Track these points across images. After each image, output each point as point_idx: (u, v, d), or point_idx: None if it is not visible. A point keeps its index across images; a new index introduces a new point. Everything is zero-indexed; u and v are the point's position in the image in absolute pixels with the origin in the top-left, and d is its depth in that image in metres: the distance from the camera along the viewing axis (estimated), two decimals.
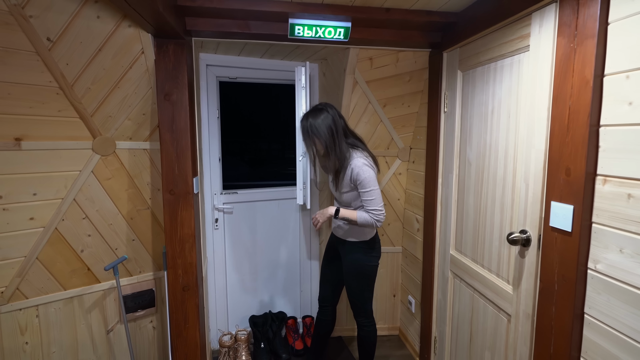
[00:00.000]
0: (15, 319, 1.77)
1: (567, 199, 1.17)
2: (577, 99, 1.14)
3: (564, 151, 1.18)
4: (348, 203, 1.88)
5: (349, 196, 1.85)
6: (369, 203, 1.75)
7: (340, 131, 1.82)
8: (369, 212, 1.76)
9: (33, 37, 1.46)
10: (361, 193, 1.77)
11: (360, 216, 1.78)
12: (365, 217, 1.77)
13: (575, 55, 1.14)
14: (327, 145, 1.80)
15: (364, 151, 1.85)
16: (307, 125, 1.81)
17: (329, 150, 1.80)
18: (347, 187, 1.82)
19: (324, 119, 1.79)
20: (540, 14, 1.31)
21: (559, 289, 1.21)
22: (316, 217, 1.93)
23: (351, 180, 1.79)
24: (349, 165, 1.78)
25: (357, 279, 1.94)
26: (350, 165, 1.78)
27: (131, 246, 2.07)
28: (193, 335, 1.94)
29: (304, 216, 2.68)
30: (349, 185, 1.81)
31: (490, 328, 1.64)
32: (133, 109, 1.85)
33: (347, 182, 1.81)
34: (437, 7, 1.77)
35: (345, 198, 1.87)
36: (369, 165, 1.78)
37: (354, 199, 1.86)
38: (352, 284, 1.96)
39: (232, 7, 1.68)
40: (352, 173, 1.77)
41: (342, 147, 1.80)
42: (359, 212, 1.80)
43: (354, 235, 1.92)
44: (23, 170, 1.65)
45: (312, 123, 1.79)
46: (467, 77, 1.80)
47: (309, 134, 1.82)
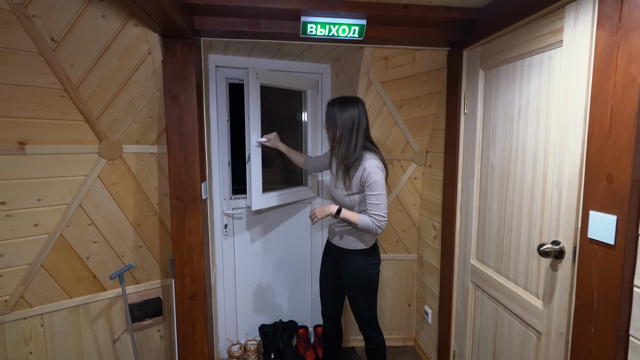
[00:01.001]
0: (20, 329, 1.72)
1: (609, 208, 1.06)
2: (621, 97, 1.03)
3: (605, 155, 1.07)
4: (351, 207, 1.77)
5: (354, 199, 1.75)
6: (374, 207, 1.67)
7: (362, 129, 1.73)
8: (372, 217, 1.67)
9: (36, 37, 1.40)
10: (368, 196, 1.69)
11: (361, 219, 1.69)
12: (366, 221, 1.68)
13: (619, 49, 1.03)
14: (343, 136, 1.71)
15: (378, 155, 1.76)
16: (333, 110, 1.73)
17: (342, 141, 1.72)
18: (356, 188, 1.73)
19: (352, 110, 1.71)
20: (575, 6, 1.20)
21: (599, 307, 1.10)
22: (315, 212, 1.77)
23: (360, 181, 1.71)
24: (361, 165, 1.70)
25: (362, 291, 1.83)
26: (362, 165, 1.70)
27: (138, 253, 2.00)
28: (201, 347, 1.87)
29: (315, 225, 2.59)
30: (357, 187, 1.73)
31: (516, 345, 1.52)
32: (140, 111, 1.79)
33: (355, 184, 1.72)
34: (457, 2, 1.67)
35: (350, 201, 1.76)
36: (381, 169, 1.70)
37: (358, 203, 1.76)
38: (357, 296, 1.84)
39: (242, 4, 1.60)
40: (363, 173, 1.68)
41: (357, 144, 1.71)
42: (361, 215, 1.71)
43: (353, 244, 1.81)
44: (27, 175, 1.60)
45: (338, 109, 1.72)
46: (490, 77, 1.69)
47: (331, 119, 1.73)
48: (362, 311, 1.87)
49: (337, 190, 1.82)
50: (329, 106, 1.77)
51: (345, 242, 1.82)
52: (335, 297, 2.01)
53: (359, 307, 1.86)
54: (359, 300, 1.84)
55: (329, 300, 2.02)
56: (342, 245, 1.84)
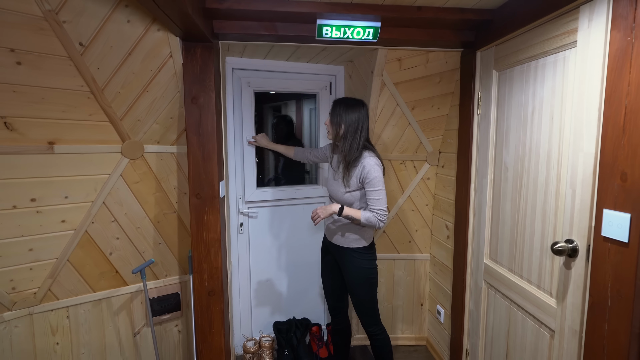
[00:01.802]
0: (47, 320, 1.80)
1: (623, 206, 1.07)
2: (635, 97, 1.04)
3: (619, 154, 1.09)
4: (351, 203, 1.82)
5: (355, 195, 1.81)
6: (375, 202, 1.73)
7: (365, 130, 1.82)
8: (373, 212, 1.73)
9: (66, 42, 1.48)
10: (368, 192, 1.75)
11: (364, 215, 1.74)
12: (369, 216, 1.73)
13: (634, 49, 1.05)
14: (348, 134, 1.78)
15: (375, 153, 1.84)
16: (339, 109, 1.80)
17: (347, 138, 1.78)
18: (355, 185, 1.79)
19: (358, 112, 1.80)
20: (589, 7, 1.21)
21: (613, 305, 1.11)
22: (317, 211, 1.78)
23: (360, 178, 1.77)
24: (360, 163, 1.77)
25: (364, 287, 1.87)
26: (361, 162, 1.77)
27: (158, 249, 2.07)
28: (218, 341, 1.92)
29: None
30: (356, 184, 1.79)
31: (530, 343, 1.53)
32: (161, 112, 1.86)
33: (354, 181, 1.78)
34: (471, 4, 1.69)
35: (348, 198, 1.81)
36: (379, 165, 1.77)
37: (357, 199, 1.81)
38: (360, 293, 1.88)
39: (259, 8, 1.66)
40: (362, 170, 1.75)
41: (360, 143, 1.79)
42: (363, 211, 1.76)
43: (355, 242, 1.86)
44: (56, 173, 1.67)
45: (344, 108, 1.80)
46: (504, 77, 1.71)
47: (337, 116, 1.80)
48: (366, 307, 1.90)
49: (336, 186, 1.85)
50: (336, 104, 1.83)
51: (347, 240, 1.86)
52: (339, 293, 2.05)
53: (363, 303, 1.89)
54: (363, 297, 1.88)
55: (334, 297, 2.07)
56: (342, 244, 1.88)
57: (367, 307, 1.91)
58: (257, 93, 2.40)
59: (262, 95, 2.48)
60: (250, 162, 2.40)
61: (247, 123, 2.37)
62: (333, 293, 2.07)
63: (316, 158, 2.20)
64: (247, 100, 2.35)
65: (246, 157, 2.39)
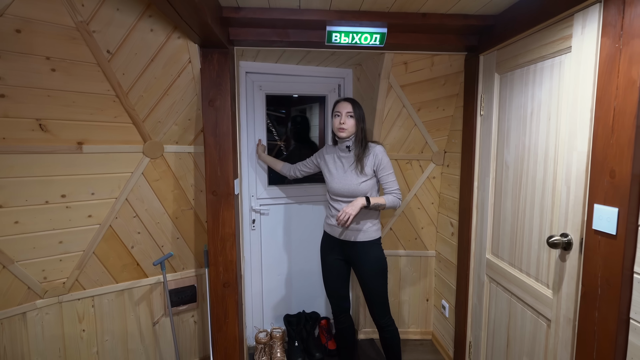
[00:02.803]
0: (75, 308, 1.93)
1: (612, 201, 1.15)
2: (622, 99, 1.12)
3: (609, 153, 1.17)
4: (365, 192, 1.91)
5: (369, 184, 1.92)
6: (392, 184, 1.91)
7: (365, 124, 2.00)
8: (393, 193, 1.90)
9: (95, 50, 1.60)
10: (384, 176, 1.92)
11: (387, 198, 1.88)
12: (391, 198, 1.89)
13: (621, 55, 1.13)
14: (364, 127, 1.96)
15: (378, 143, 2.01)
16: (357, 104, 1.97)
17: (363, 131, 1.96)
18: (370, 173, 1.92)
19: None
20: (583, 15, 1.29)
21: (603, 293, 1.19)
22: (346, 211, 1.77)
23: (374, 165, 1.91)
24: (371, 152, 1.92)
25: (381, 277, 1.96)
26: (372, 152, 1.93)
27: (175, 244, 2.19)
28: (232, 331, 2.03)
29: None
30: (371, 172, 1.92)
31: (528, 333, 1.61)
32: (180, 114, 1.98)
33: (369, 170, 1.91)
34: (474, 10, 1.77)
35: (364, 187, 1.90)
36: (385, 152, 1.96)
37: (370, 188, 1.92)
38: (377, 284, 1.95)
39: (273, 16, 1.76)
40: (375, 158, 1.91)
41: (366, 132, 1.97)
42: (385, 196, 1.90)
43: (374, 234, 1.96)
44: (84, 171, 1.80)
45: (359, 104, 1.98)
46: (505, 80, 1.79)
47: (359, 112, 1.96)
48: (381, 298, 1.97)
49: (349, 179, 1.92)
50: (354, 103, 1.96)
51: (365, 235, 1.95)
52: (344, 292, 2.11)
53: (378, 294, 1.96)
54: (379, 288, 1.96)
55: (340, 296, 2.10)
56: (361, 238, 1.95)
57: (381, 298, 1.98)
58: (275, 96, 2.52)
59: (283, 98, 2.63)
60: (262, 162, 2.51)
61: (258, 124, 2.48)
62: (340, 292, 2.11)
63: (305, 169, 2.24)
64: (259, 103, 2.46)
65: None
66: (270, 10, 1.75)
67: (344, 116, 1.93)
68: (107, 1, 1.51)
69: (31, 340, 1.81)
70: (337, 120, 1.95)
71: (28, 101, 1.56)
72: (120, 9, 1.55)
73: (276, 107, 2.70)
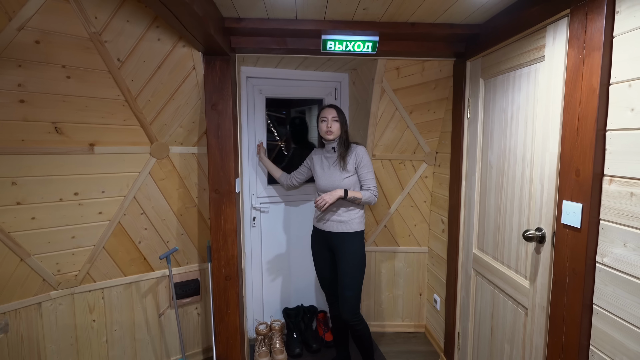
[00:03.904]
0: (86, 299, 2.06)
1: (577, 197, 1.27)
2: (585, 105, 1.24)
3: (574, 154, 1.28)
4: (348, 188, 2.05)
5: (351, 180, 2.07)
6: (370, 181, 2.07)
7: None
8: (370, 190, 2.06)
9: (107, 58, 1.73)
10: (363, 173, 2.08)
11: (364, 194, 2.04)
12: (367, 194, 2.05)
13: (584, 65, 1.24)
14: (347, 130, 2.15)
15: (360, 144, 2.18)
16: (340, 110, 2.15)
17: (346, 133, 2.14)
18: (352, 170, 2.07)
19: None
20: (554, 27, 1.41)
21: (570, 281, 1.31)
22: (324, 198, 1.99)
23: (355, 163, 2.08)
24: (354, 152, 2.09)
25: (359, 269, 2.06)
26: (354, 151, 2.10)
27: (180, 240, 2.32)
28: (234, 321, 2.15)
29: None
30: (352, 169, 2.08)
31: (509, 322, 1.73)
32: (184, 117, 2.10)
33: (351, 167, 2.07)
34: (459, 20, 1.89)
35: (347, 182, 2.05)
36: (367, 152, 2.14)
37: (353, 184, 2.07)
38: (356, 275, 2.04)
39: (272, 26, 1.89)
40: (356, 157, 2.08)
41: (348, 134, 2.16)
42: (362, 191, 2.06)
43: (356, 226, 2.08)
44: (95, 171, 1.93)
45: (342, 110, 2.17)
46: (489, 85, 1.91)
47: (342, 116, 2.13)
48: (356, 292, 2.03)
49: (334, 175, 2.08)
50: (338, 109, 2.14)
51: (348, 226, 2.06)
52: (335, 283, 2.20)
53: (353, 286, 2.02)
54: (355, 279, 2.03)
55: (332, 285, 2.22)
56: (344, 229, 2.06)
57: (354, 292, 2.03)
58: (276, 99, 2.66)
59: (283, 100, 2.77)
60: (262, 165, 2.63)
61: (259, 126, 2.61)
62: (332, 281, 2.21)
63: (300, 177, 2.36)
64: (259, 106, 2.59)
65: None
66: (269, 20, 1.87)
67: (330, 121, 2.09)
68: (118, 13, 1.64)
69: (46, 328, 1.94)
70: (324, 125, 2.10)
71: (45, 106, 1.69)
72: (130, 20, 1.68)
73: (276, 109, 2.83)
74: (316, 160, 2.22)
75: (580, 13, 1.27)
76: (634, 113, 1.10)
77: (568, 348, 1.32)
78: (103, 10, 1.60)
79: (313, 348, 2.56)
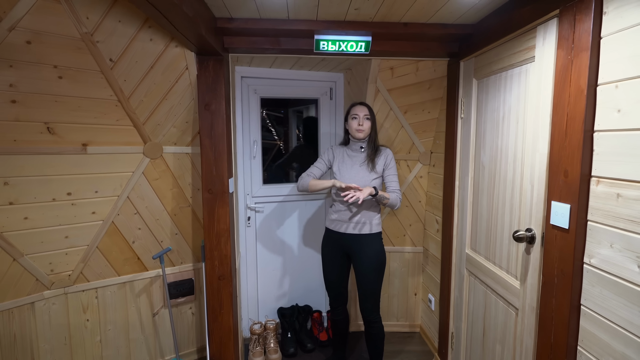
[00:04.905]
0: (79, 299, 2.06)
1: (566, 198, 1.27)
2: (573, 106, 1.24)
3: (563, 154, 1.28)
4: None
5: (376, 182, 2.07)
6: (396, 184, 2.09)
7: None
8: (396, 192, 2.06)
9: (99, 59, 1.73)
10: (391, 175, 2.09)
11: (392, 196, 2.03)
12: (395, 196, 2.05)
13: (572, 66, 1.24)
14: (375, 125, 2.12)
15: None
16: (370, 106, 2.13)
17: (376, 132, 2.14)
18: (380, 172, 2.08)
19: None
20: (544, 28, 1.41)
21: (559, 282, 1.31)
22: (356, 194, 1.87)
23: (385, 164, 2.09)
24: (383, 153, 2.11)
25: (379, 271, 2.07)
26: (384, 152, 2.12)
27: (174, 239, 2.32)
28: (227, 321, 2.16)
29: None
30: (380, 172, 2.08)
31: (500, 322, 1.73)
32: (178, 117, 2.11)
33: (380, 168, 2.08)
34: (452, 20, 1.89)
35: (375, 184, 2.05)
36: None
37: (378, 186, 2.06)
38: (375, 277, 2.06)
39: (265, 26, 1.89)
40: (387, 158, 2.10)
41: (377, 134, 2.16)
42: (390, 193, 2.05)
43: (374, 228, 2.08)
44: (88, 170, 1.93)
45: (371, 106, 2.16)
46: (482, 85, 1.90)
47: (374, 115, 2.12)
48: (376, 293, 2.08)
49: (362, 174, 2.06)
50: (371, 108, 2.13)
51: (369, 227, 2.07)
52: (343, 285, 2.23)
53: (374, 289, 2.07)
54: (376, 282, 2.07)
55: (339, 288, 2.22)
56: (365, 231, 2.06)
57: (375, 293, 2.09)
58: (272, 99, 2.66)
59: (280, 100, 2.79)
60: (257, 161, 2.64)
61: (254, 126, 2.61)
62: (340, 284, 2.21)
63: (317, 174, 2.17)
64: (254, 106, 2.59)
65: (253, 156, 2.63)
66: (261, 20, 1.87)
67: (361, 118, 2.06)
68: (110, 14, 1.64)
69: (39, 328, 1.94)
70: (355, 122, 2.07)
71: (37, 106, 1.69)
72: (122, 20, 1.68)
73: (273, 108, 2.83)
74: (338, 157, 2.16)
75: (569, 14, 1.26)
76: (621, 114, 1.10)
77: (556, 349, 1.33)
78: (94, 10, 1.61)
79: (307, 348, 2.57)
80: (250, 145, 2.62)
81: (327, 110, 2.75)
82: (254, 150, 2.63)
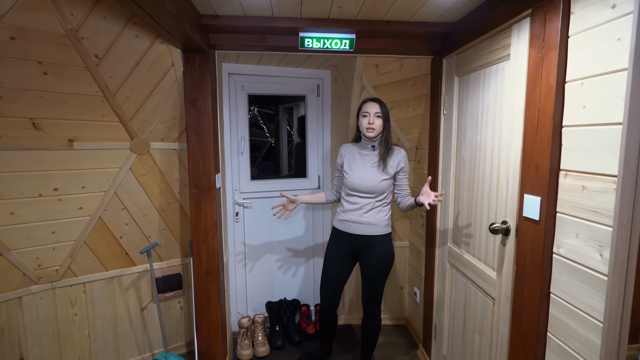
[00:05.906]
0: (67, 294, 2.08)
1: (537, 191, 1.32)
2: (544, 103, 1.29)
3: (534, 149, 1.33)
4: (383, 191, 2.03)
5: (387, 183, 2.02)
6: (408, 187, 2.09)
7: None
8: (409, 195, 2.07)
9: (84, 55, 1.75)
10: (404, 178, 2.07)
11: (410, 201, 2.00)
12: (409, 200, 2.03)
13: (543, 64, 1.29)
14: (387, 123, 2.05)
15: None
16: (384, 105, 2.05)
17: (388, 130, 2.06)
18: (392, 173, 2.03)
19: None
20: (518, 26, 1.46)
21: (530, 272, 1.36)
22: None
23: (397, 167, 2.03)
24: (397, 155, 2.05)
25: (387, 271, 2.09)
26: (397, 153, 2.05)
27: (162, 235, 2.35)
28: (215, 314, 2.19)
29: (316, 211, 2.89)
30: (392, 173, 2.03)
31: (479, 312, 1.78)
32: (164, 114, 2.13)
33: (392, 169, 2.02)
34: (434, 18, 1.93)
35: (385, 185, 2.01)
36: None
37: (388, 187, 2.04)
38: (382, 277, 2.08)
39: (250, 24, 1.91)
40: (402, 159, 2.04)
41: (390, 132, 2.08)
42: (405, 196, 2.07)
43: (384, 229, 2.07)
44: (75, 166, 1.95)
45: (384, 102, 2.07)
46: (463, 82, 1.95)
47: (386, 112, 2.04)
48: (381, 291, 2.12)
49: (372, 174, 2.01)
50: (384, 104, 2.05)
51: (377, 228, 2.05)
52: (339, 290, 2.19)
53: (380, 288, 2.11)
54: (382, 282, 2.10)
55: (337, 290, 2.17)
56: (374, 232, 2.05)
57: (380, 292, 2.12)
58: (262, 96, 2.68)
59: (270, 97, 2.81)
60: (245, 157, 2.67)
61: (241, 122, 2.64)
62: (338, 286, 2.16)
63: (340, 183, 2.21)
64: (241, 102, 2.61)
65: (241, 152, 2.66)
66: (246, 18, 1.90)
67: (372, 116, 1.98)
68: (95, 10, 1.66)
69: (27, 322, 1.96)
70: (365, 121, 2.00)
71: (22, 102, 1.70)
72: (107, 17, 1.70)
73: (265, 106, 2.86)
74: (348, 155, 2.12)
75: (540, 13, 1.31)
76: (586, 110, 1.15)
77: (528, 335, 1.38)
78: (79, 7, 1.62)
79: (295, 340, 2.61)
80: (238, 142, 2.65)
81: (314, 107, 2.79)
82: (241, 147, 2.66)
